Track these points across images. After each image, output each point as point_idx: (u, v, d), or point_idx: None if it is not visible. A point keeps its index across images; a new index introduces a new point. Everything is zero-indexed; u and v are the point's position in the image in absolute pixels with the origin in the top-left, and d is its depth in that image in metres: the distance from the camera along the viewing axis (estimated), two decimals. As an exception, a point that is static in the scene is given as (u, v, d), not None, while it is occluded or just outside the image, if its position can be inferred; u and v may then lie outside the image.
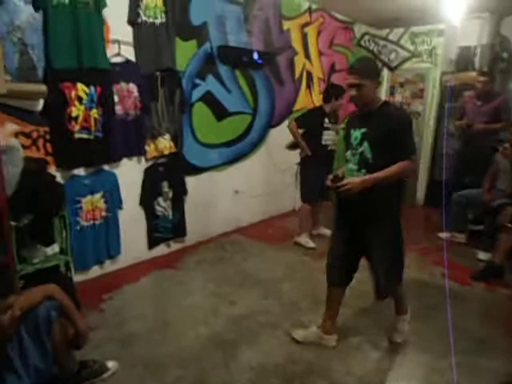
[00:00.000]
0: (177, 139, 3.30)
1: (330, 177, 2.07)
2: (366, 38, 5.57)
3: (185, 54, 3.28)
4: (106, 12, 2.66)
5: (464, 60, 4.84)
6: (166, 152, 3.25)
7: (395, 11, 4.67)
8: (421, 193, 5.34)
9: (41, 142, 2.52)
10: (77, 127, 2.63)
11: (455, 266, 3.39)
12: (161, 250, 3.44)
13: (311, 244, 3.82)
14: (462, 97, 4.56)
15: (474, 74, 4.52)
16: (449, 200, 3.82)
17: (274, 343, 2.32)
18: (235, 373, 2.07)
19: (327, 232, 3.94)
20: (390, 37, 5.50)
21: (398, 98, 5.58)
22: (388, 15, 4.88)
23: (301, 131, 3.66)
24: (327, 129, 3.66)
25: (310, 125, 3.65)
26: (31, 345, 1.52)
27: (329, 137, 3.69)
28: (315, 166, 3.65)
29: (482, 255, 3.54)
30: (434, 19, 4.66)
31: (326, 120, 3.65)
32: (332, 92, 3.66)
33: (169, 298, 2.75)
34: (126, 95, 2.90)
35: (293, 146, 4.71)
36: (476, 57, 4.72)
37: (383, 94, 5.73)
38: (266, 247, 3.77)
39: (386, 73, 5.65)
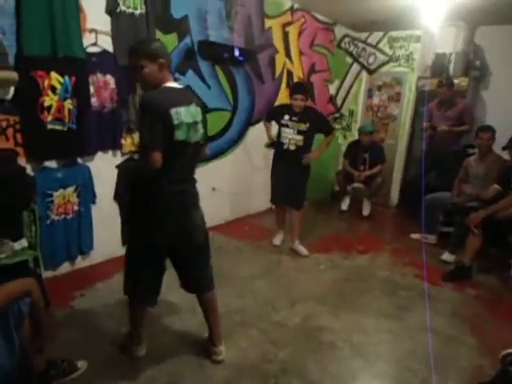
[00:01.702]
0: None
1: None
2: (346, 40, 5.64)
3: (164, 47, 3.21)
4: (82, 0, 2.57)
5: (439, 66, 4.98)
6: (143, 146, 3.17)
7: (375, 15, 4.75)
8: (394, 194, 5.46)
9: (10, 132, 2.41)
10: (50, 118, 2.53)
11: (426, 267, 3.48)
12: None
13: (276, 242, 3.80)
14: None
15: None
16: (421, 202, 3.93)
17: (248, 342, 2.31)
18: (209, 372, 2.05)
19: (303, 251, 3.65)
20: (369, 40, 5.58)
21: (375, 101, 5.68)
22: (368, 18, 4.96)
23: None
24: (285, 126, 3.47)
25: (272, 118, 3.63)
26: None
27: (285, 135, 3.47)
28: (276, 165, 3.61)
29: (446, 256, 3.65)
30: (412, 25, 4.77)
31: (286, 117, 3.45)
32: (290, 89, 3.61)
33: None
34: (103, 87, 2.81)
35: (272, 145, 4.72)
36: (451, 63, 4.86)
37: (361, 96, 5.83)
38: (242, 245, 3.76)
39: (364, 75, 5.74)
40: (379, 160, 4.85)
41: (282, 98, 4.70)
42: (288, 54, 4.68)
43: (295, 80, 4.87)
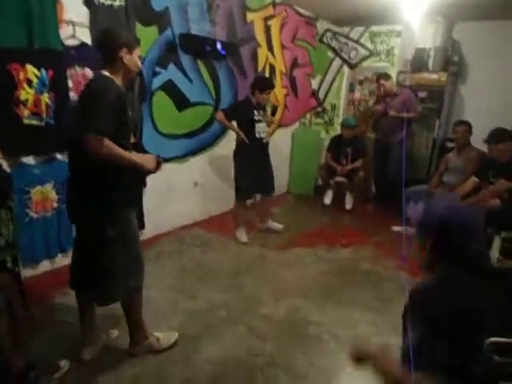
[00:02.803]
0: (136, 129, 3.17)
1: None
2: (328, 34, 5.65)
3: (145, 40, 3.13)
4: (59, -11, 2.49)
5: (419, 61, 5.04)
6: (124, 141, 3.11)
7: (356, 9, 4.77)
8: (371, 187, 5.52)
9: (-16, 127, 2.33)
10: (26, 112, 2.45)
11: (408, 259, 3.55)
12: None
13: (244, 239, 3.76)
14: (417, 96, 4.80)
15: (427, 74, 4.78)
16: (395, 194, 4.00)
17: (234, 337, 2.31)
18: (196, 368, 2.04)
19: (277, 226, 4.04)
20: (351, 35, 5.61)
21: (356, 95, 5.72)
22: (349, 13, 4.97)
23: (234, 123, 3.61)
24: (259, 121, 3.55)
25: (241, 117, 3.56)
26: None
27: (261, 129, 3.57)
28: (250, 158, 3.57)
29: None
30: (393, 20, 4.82)
31: (256, 112, 3.53)
32: (256, 85, 3.57)
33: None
34: (81, 80, 2.73)
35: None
36: (430, 58, 4.93)
37: (343, 91, 5.87)
38: (226, 240, 3.74)
39: (346, 70, 5.77)
40: (361, 154, 4.90)
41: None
42: (270, 48, 4.66)
43: (277, 74, 4.86)
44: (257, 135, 3.55)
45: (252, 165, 3.58)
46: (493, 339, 1.00)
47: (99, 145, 1.62)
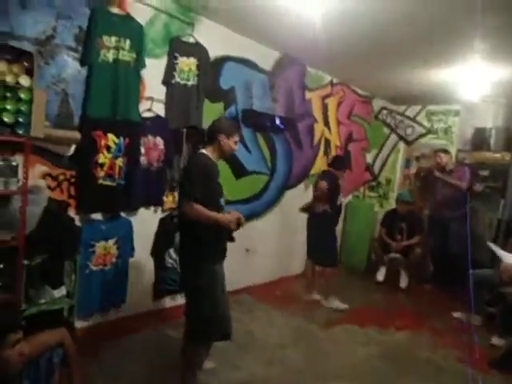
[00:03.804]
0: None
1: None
2: (384, 112, 5.82)
3: (212, 114, 3.44)
4: (143, 71, 2.87)
5: (479, 140, 4.97)
6: (183, 204, 3.30)
7: (413, 89, 4.92)
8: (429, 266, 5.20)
9: (65, 185, 2.61)
10: (102, 174, 2.73)
11: (471, 351, 3.20)
12: (166, 302, 3.37)
13: (344, 305, 3.89)
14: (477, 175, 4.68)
15: (488, 153, 4.68)
16: (455, 276, 3.73)
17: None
18: None
19: (342, 306, 3.92)
20: (407, 113, 5.72)
21: (412, 171, 5.68)
22: (405, 92, 5.13)
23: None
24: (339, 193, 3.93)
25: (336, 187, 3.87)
26: (28, 390, 1.47)
27: (340, 199, 3.96)
28: (330, 226, 3.89)
29: (496, 340, 3.35)
30: (451, 100, 4.88)
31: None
32: (344, 163, 4.10)
33: (169, 355, 2.63)
34: (152, 147, 3.02)
35: (306, 209, 4.75)
36: (491, 138, 4.85)
37: (399, 166, 5.85)
38: (273, 310, 3.65)
39: (402, 146, 5.81)
40: (417, 230, 4.72)
41: (319, 164, 4.82)
42: (326, 124, 4.87)
43: (332, 148, 5.01)
44: (338, 202, 3.89)
45: (332, 232, 3.92)
46: None
47: (190, 208, 2.04)
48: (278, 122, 3.95)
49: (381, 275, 4.85)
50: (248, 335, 3.10)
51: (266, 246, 4.28)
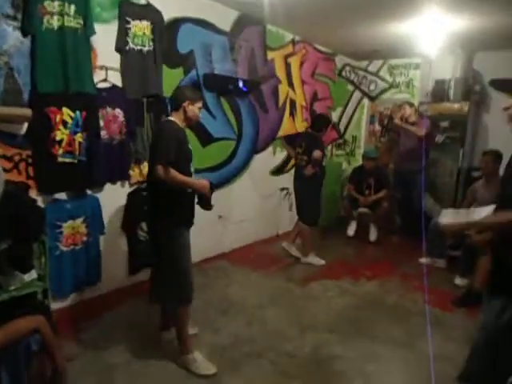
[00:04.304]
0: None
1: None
2: (347, 68, 5.79)
3: (171, 81, 3.32)
4: (94, 38, 2.69)
5: (439, 92, 5.07)
6: (151, 177, 3.23)
7: (374, 44, 4.90)
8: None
9: (22, 166, 2.48)
10: (60, 151, 2.60)
11: (436, 292, 3.43)
12: (142, 276, 3.36)
13: (322, 261, 4.06)
14: (438, 126, 4.81)
15: (448, 104, 4.80)
16: (426, 227, 3.92)
17: (258, 373, 2.27)
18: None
19: (320, 261, 4.11)
20: (370, 68, 5.73)
21: (377, 127, 5.76)
22: (367, 48, 5.11)
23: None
24: (325, 155, 4.10)
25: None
26: (7, 378, 1.45)
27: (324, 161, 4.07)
28: (318, 188, 4.01)
29: (459, 280, 3.61)
30: (411, 53, 4.90)
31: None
32: (326, 122, 4.19)
33: (150, 327, 2.67)
34: (112, 120, 2.90)
35: (276, 172, 4.78)
36: (451, 89, 4.95)
37: (364, 122, 5.93)
38: (249, 273, 3.74)
39: (366, 102, 5.85)
40: (384, 185, 4.88)
41: (286, 126, 4.80)
42: (291, 84, 4.81)
43: (298, 108, 4.98)
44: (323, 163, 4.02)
45: (319, 193, 4.05)
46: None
47: (166, 172, 2.05)
48: (241, 84, 3.85)
49: (351, 230, 5.03)
50: (226, 299, 3.18)
51: (238, 212, 4.31)
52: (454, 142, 4.81)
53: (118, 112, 2.92)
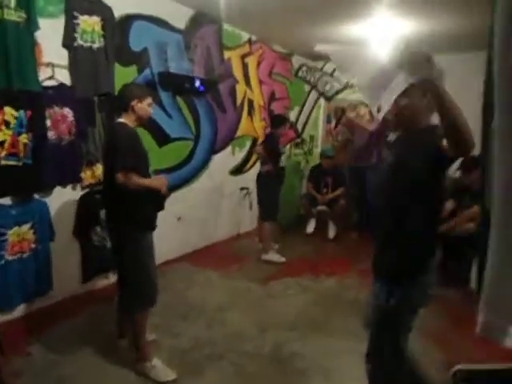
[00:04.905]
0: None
1: None
2: (304, 68, 5.89)
3: (124, 80, 3.19)
4: (39, 34, 2.54)
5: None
6: (104, 179, 3.11)
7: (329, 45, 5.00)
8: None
9: (-40, 170, 2.30)
10: (3, 153, 2.43)
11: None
12: (97, 283, 3.23)
13: (282, 258, 4.10)
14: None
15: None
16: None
17: (219, 375, 2.25)
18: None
19: (280, 258, 4.14)
20: (325, 69, 5.85)
21: (333, 123, 5.90)
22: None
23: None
24: (283, 153, 4.17)
25: (275, 150, 4.04)
26: None
27: (283, 159, 4.18)
28: (276, 185, 4.11)
29: None
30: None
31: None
32: (284, 121, 4.27)
33: (105, 336, 2.56)
34: (60, 120, 2.75)
35: (236, 172, 4.77)
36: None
37: (321, 122, 6.05)
38: (210, 274, 3.70)
39: (322, 102, 5.97)
40: (341, 183, 5.01)
41: (244, 125, 4.79)
42: (248, 83, 4.81)
43: (256, 108, 4.99)
44: (281, 164, 4.08)
45: (278, 190, 4.14)
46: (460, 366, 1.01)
47: (127, 179, 2.03)
48: (197, 84, 3.79)
49: (310, 227, 5.12)
50: (186, 302, 3.12)
51: (197, 213, 4.25)
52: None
53: (67, 111, 2.78)
